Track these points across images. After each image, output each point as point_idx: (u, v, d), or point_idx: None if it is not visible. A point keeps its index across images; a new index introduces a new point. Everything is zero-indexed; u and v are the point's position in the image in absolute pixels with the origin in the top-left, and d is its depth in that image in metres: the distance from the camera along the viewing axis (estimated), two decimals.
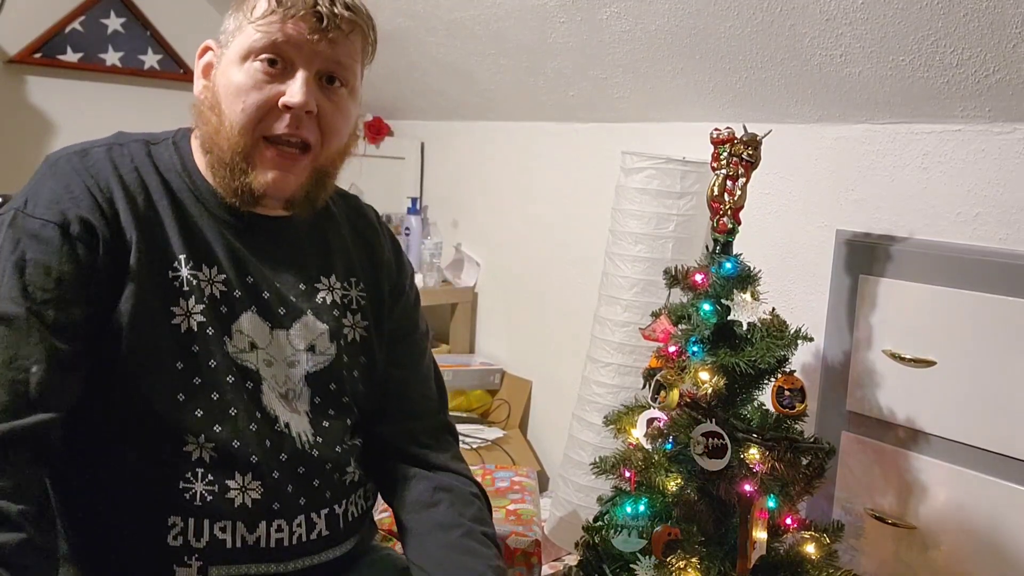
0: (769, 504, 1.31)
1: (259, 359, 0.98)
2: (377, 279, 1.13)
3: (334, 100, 0.98)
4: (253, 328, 0.98)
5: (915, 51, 1.38)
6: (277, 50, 0.93)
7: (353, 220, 1.15)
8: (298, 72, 0.94)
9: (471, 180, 2.77)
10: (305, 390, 1.02)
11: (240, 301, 0.98)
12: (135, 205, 0.94)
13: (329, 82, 0.97)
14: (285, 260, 1.04)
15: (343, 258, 1.10)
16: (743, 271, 1.35)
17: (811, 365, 1.63)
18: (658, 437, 1.36)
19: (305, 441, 1.00)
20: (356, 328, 1.08)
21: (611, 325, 1.80)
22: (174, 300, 0.94)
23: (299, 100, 0.93)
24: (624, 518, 1.36)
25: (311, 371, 1.02)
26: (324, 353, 1.04)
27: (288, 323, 1.01)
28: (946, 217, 1.48)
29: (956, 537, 1.38)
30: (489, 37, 2.18)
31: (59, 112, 2.79)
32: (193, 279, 0.95)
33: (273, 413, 0.98)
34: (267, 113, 0.94)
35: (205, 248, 0.97)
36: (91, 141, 0.99)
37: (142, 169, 0.97)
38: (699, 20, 1.64)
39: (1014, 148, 1.39)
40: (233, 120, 0.94)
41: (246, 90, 0.94)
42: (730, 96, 1.79)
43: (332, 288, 1.07)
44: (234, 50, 0.96)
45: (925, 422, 1.42)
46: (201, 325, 0.94)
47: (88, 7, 2.76)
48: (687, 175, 1.74)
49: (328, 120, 0.97)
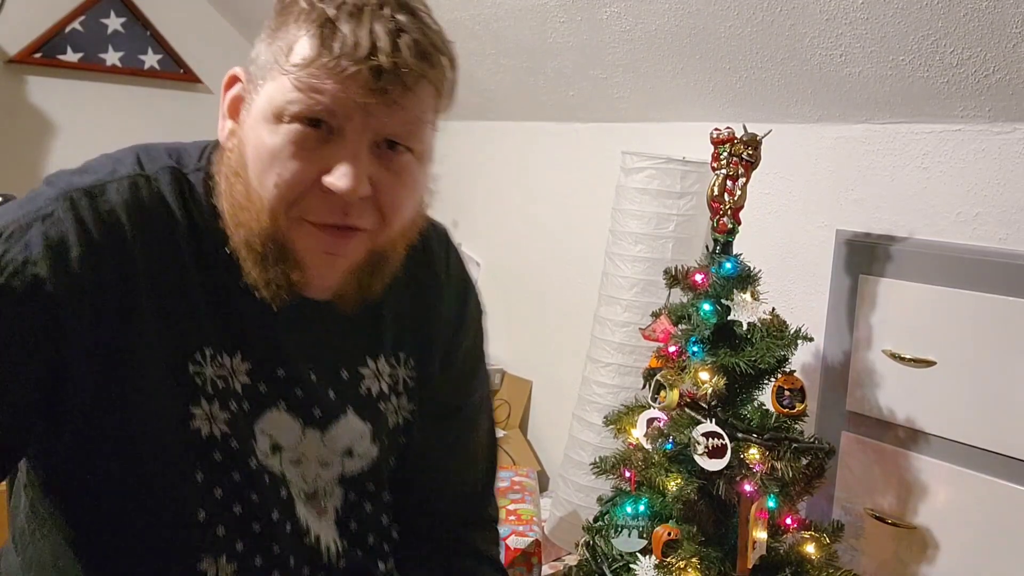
0: (769, 504, 1.31)
1: (283, 460, 0.82)
2: (429, 350, 0.93)
3: (395, 170, 0.74)
4: (278, 427, 0.81)
5: (915, 51, 1.38)
6: (320, 112, 0.70)
7: (417, 273, 0.92)
8: (347, 143, 0.71)
9: (471, 180, 2.77)
10: (338, 490, 0.87)
11: (265, 396, 0.80)
12: (157, 270, 0.74)
13: (390, 147, 0.74)
14: (325, 343, 0.85)
15: (394, 327, 0.90)
16: (743, 271, 1.35)
17: (811, 365, 1.63)
18: (658, 437, 1.36)
19: (333, 554, 0.85)
20: (400, 413, 0.91)
21: (611, 325, 1.80)
22: (193, 399, 0.76)
23: (347, 185, 0.70)
24: (624, 518, 1.36)
25: (347, 475, 0.87)
26: (363, 456, 0.88)
27: (324, 424, 0.84)
28: (946, 217, 1.47)
29: (956, 537, 1.38)
30: (489, 37, 2.18)
31: (59, 112, 2.79)
32: (218, 377, 0.77)
33: (305, 524, 0.83)
34: (305, 193, 0.72)
35: (235, 334, 0.78)
36: (106, 164, 0.77)
37: (175, 216, 0.76)
38: (699, 20, 1.64)
39: (1014, 148, 1.38)
40: (263, 196, 0.72)
41: (280, 160, 0.71)
42: (730, 96, 1.79)
43: (379, 375, 0.88)
44: (265, 100, 0.72)
45: (925, 422, 1.41)
46: (225, 435, 0.77)
47: (88, 7, 2.76)
48: (687, 175, 1.74)
49: (388, 197, 0.74)
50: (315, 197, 0.72)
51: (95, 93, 2.84)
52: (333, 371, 0.85)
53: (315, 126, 0.71)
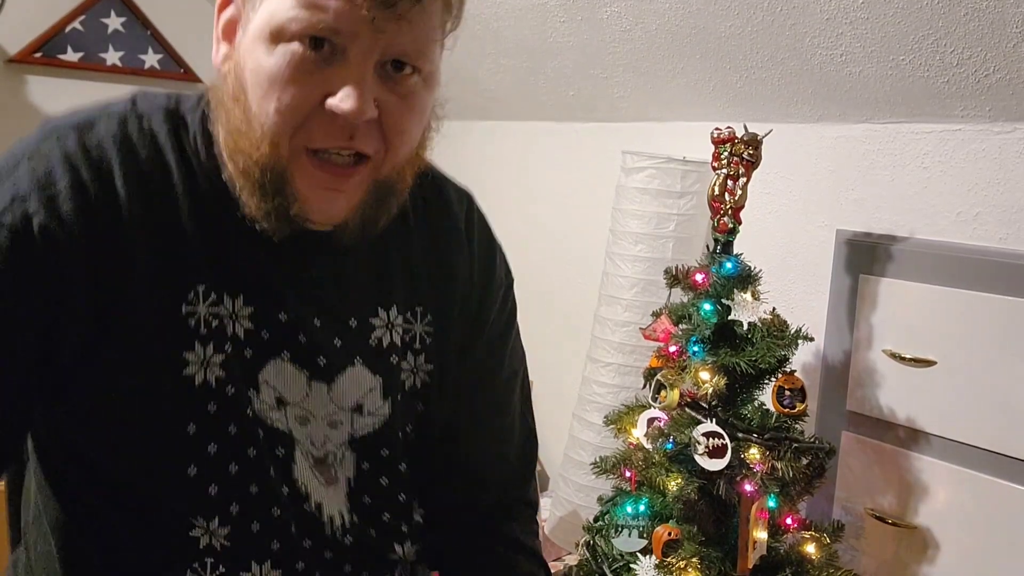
0: (769, 504, 1.31)
1: (289, 417, 0.77)
2: (449, 310, 0.88)
3: (402, 93, 0.71)
4: (282, 379, 0.77)
5: (915, 51, 1.38)
6: (323, 30, 0.66)
7: (431, 217, 0.88)
8: (352, 63, 0.67)
9: (471, 180, 2.75)
10: (349, 455, 0.82)
11: (269, 344, 0.76)
12: (147, 208, 0.70)
13: (396, 68, 0.70)
14: (331, 287, 0.80)
15: (408, 280, 0.85)
16: (743, 271, 1.35)
17: (811, 365, 1.63)
18: (658, 437, 1.36)
19: (338, 527, 0.81)
20: (417, 373, 0.86)
21: (611, 325, 1.80)
22: (187, 344, 0.72)
23: (351, 106, 0.66)
24: (624, 518, 1.36)
25: (357, 435, 0.82)
26: (375, 414, 0.82)
27: (331, 375, 0.79)
28: (946, 217, 1.47)
29: (956, 537, 1.38)
30: (489, 36, 2.18)
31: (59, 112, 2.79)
32: (214, 318, 0.73)
33: (304, 490, 0.79)
34: (308, 117, 0.68)
35: (233, 272, 0.74)
36: (102, 106, 0.75)
37: (166, 154, 0.73)
38: (699, 19, 1.64)
39: (1014, 148, 1.38)
40: (263, 122, 0.69)
41: (281, 83, 0.67)
42: (730, 95, 1.79)
43: (391, 325, 0.83)
44: (263, 19, 0.68)
45: (925, 422, 1.41)
46: (221, 380, 0.73)
47: (88, 6, 2.76)
48: (687, 175, 1.74)
49: (394, 121, 0.71)
50: (318, 122, 0.69)
51: (95, 93, 2.82)
52: (340, 318, 0.81)
53: (317, 47, 0.67)
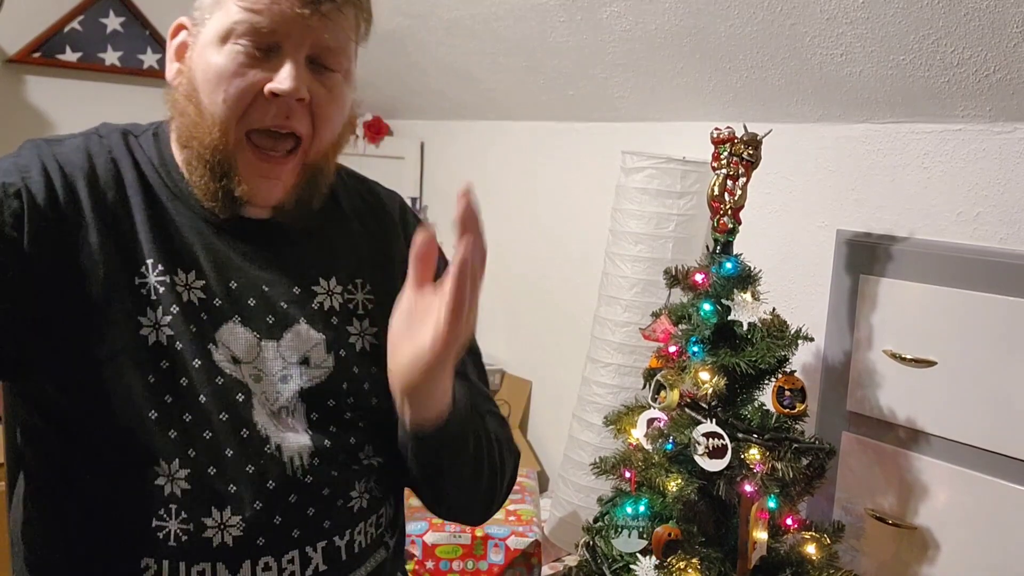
0: (769, 504, 1.31)
1: (245, 374, 0.87)
2: (390, 279, 0.97)
3: (327, 86, 0.87)
4: (235, 340, 0.87)
5: (916, 50, 1.38)
6: (262, 31, 0.82)
7: (366, 211, 1.03)
8: (286, 55, 0.83)
9: (471, 179, 2.76)
10: (300, 406, 0.90)
11: (221, 310, 0.87)
12: (102, 201, 0.85)
13: (322, 66, 0.87)
14: (276, 261, 0.92)
15: (348, 257, 0.98)
16: (743, 271, 1.35)
17: (811, 365, 1.63)
18: (658, 437, 1.36)
19: (298, 466, 0.88)
20: (364, 336, 0.96)
21: (611, 325, 1.80)
22: (140, 309, 0.84)
23: (289, 86, 0.82)
24: (624, 518, 1.36)
25: (305, 386, 0.90)
26: (320, 366, 0.92)
27: (278, 333, 0.90)
28: (947, 217, 1.47)
29: (957, 537, 1.38)
30: (489, 36, 2.18)
31: (58, 112, 2.79)
32: (162, 287, 0.85)
33: (264, 433, 0.87)
34: (252, 103, 0.84)
35: (181, 251, 0.87)
36: (73, 133, 0.92)
37: (120, 162, 0.88)
38: (699, 19, 1.63)
39: (1015, 148, 1.38)
40: (214, 112, 0.84)
41: (227, 76, 0.83)
42: (730, 95, 1.78)
43: (332, 292, 0.95)
44: (212, 29, 0.84)
45: (925, 422, 1.41)
46: (171, 339, 0.84)
47: (87, 6, 2.76)
48: (687, 175, 1.74)
49: (321, 108, 0.87)
50: (260, 105, 0.84)
51: (94, 92, 2.84)
52: (284, 288, 0.92)
53: (258, 45, 0.83)
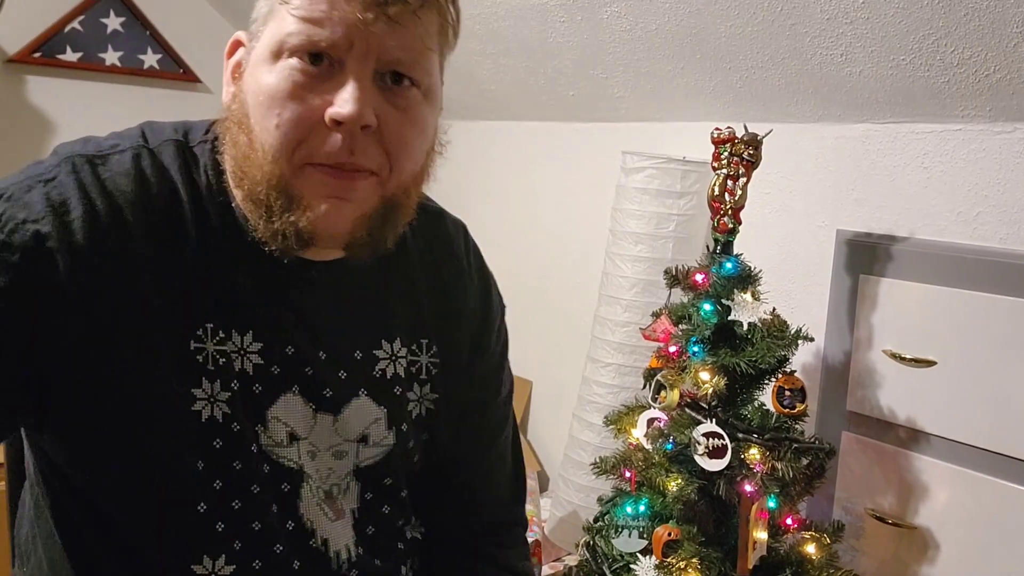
0: (769, 504, 1.31)
1: (301, 452, 0.78)
2: (455, 339, 0.90)
3: (401, 107, 0.72)
4: (293, 414, 0.78)
5: (916, 50, 1.38)
6: (320, 43, 0.68)
7: (431, 253, 0.90)
8: (349, 73, 0.69)
9: (471, 180, 2.77)
10: (354, 485, 0.83)
11: (278, 379, 0.77)
12: (158, 244, 0.71)
13: (395, 81, 0.71)
14: (337, 320, 0.81)
15: (411, 312, 0.86)
16: (743, 271, 1.35)
17: (811, 365, 1.63)
18: (658, 437, 1.36)
19: (343, 560, 0.81)
20: (423, 402, 0.87)
21: (611, 325, 1.80)
22: (195, 380, 0.72)
23: (351, 110, 0.67)
24: (624, 518, 1.36)
25: (362, 465, 0.83)
26: (380, 444, 0.83)
27: (336, 408, 0.80)
28: (946, 217, 1.47)
29: (957, 537, 1.38)
30: (489, 36, 2.18)
31: (59, 112, 2.79)
32: (221, 355, 0.73)
33: (310, 525, 0.79)
34: (310, 131, 0.69)
35: (240, 309, 0.75)
36: (111, 137, 0.77)
37: (178, 187, 0.74)
38: (699, 20, 1.64)
39: (1014, 148, 1.38)
40: (265, 141, 0.69)
41: (280, 99, 0.69)
42: (730, 96, 1.78)
43: (396, 357, 0.85)
44: (264, 44, 0.71)
45: (925, 422, 1.41)
46: (227, 416, 0.73)
47: (87, 6, 2.76)
48: (687, 175, 1.74)
49: (395, 135, 0.71)
50: (319, 135, 0.69)
51: (95, 93, 2.84)
52: (345, 351, 0.81)
53: (316, 62, 0.69)
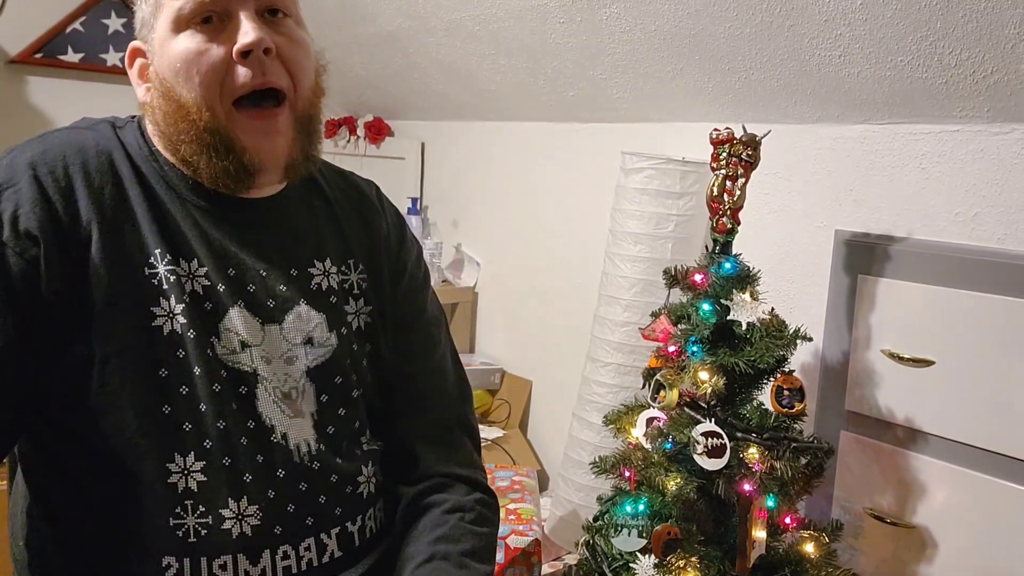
0: (768, 503, 1.31)
1: (254, 358, 0.88)
2: (377, 261, 1.02)
3: (284, 33, 0.88)
4: (243, 325, 0.88)
5: (914, 52, 1.38)
6: (207, 5, 0.83)
7: (347, 198, 1.04)
8: (238, 15, 0.84)
9: (471, 180, 2.77)
10: (309, 387, 0.91)
11: (225, 296, 0.88)
12: (101, 196, 0.84)
13: (271, 14, 0.87)
14: (270, 246, 0.93)
15: (337, 240, 1.00)
16: (742, 271, 1.36)
17: (810, 365, 1.63)
18: (658, 437, 1.36)
19: (304, 453, 0.89)
20: (360, 315, 0.98)
21: (611, 325, 1.80)
22: (153, 300, 0.84)
23: (252, 38, 0.83)
24: (624, 517, 1.37)
25: (312, 365, 0.92)
26: (324, 344, 0.93)
27: (279, 316, 0.91)
28: (945, 217, 1.48)
29: (955, 537, 1.39)
30: (489, 37, 2.18)
31: (60, 112, 2.79)
32: (172, 275, 0.85)
33: (269, 422, 0.88)
34: (226, 72, 0.84)
35: (182, 240, 0.87)
36: (54, 128, 0.91)
37: (113, 153, 0.88)
38: (699, 21, 1.64)
39: (1012, 148, 1.39)
40: (195, 97, 0.84)
41: (193, 57, 0.83)
42: (729, 96, 1.79)
43: (328, 273, 0.96)
44: (163, 28, 0.85)
45: (924, 422, 1.42)
46: (184, 326, 0.84)
47: (89, 7, 2.77)
48: (687, 175, 1.74)
49: (290, 56, 0.87)
50: (234, 71, 0.84)
51: (96, 93, 2.84)
52: (281, 272, 0.93)
53: (208, 22, 0.84)
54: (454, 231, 2.86)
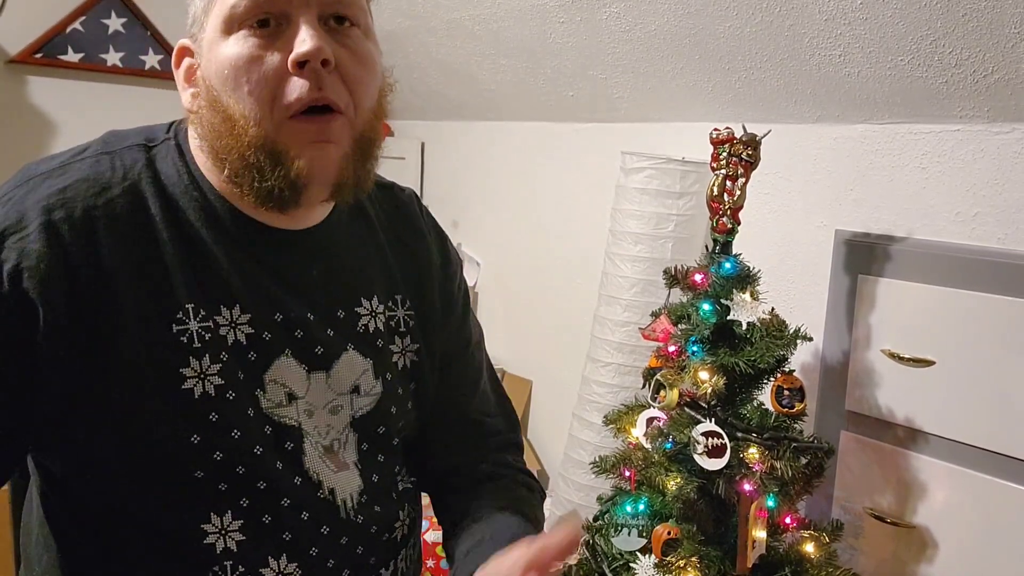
0: (768, 503, 1.31)
1: (299, 411, 0.82)
2: (425, 294, 0.96)
3: (349, 46, 0.78)
4: (289, 375, 0.82)
5: (914, 51, 1.38)
6: (263, 6, 0.74)
7: (391, 221, 0.97)
8: (298, 21, 0.75)
9: (471, 180, 2.77)
10: (352, 436, 0.87)
11: (271, 344, 0.81)
12: (125, 244, 0.75)
13: (338, 23, 0.78)
14: (318, 286, 0.86)
15: (383, 273, 0.93)
16: (742, 271, 1.36)
17: (810, 365, 1.63)
18: (658, 437, 1.36)
19: (351, 508, 0.85)
20: (406, 353, 0.93)
21: (611, 325, 1.80)
22: (182, 360, 0.75)
23: (311, 47, 0.73)
24: (624, 517, 1.37)
25: (357, 416, 0.87)
26: (370, 393, 0.88)
27: (327, 363, 0.85)
28: (945, 217, 1.48)
29: (955, 537, 1.39)
30: (489, 37, 2.18)
31: (60, 112, 2.79)
32: (206, 332, 0.77)
33: (317, 478, 0.83)
34: (279, 84, 0.74)
35: (222, 286, 0.79)
36: (77, 149, 0.81)
37: (141, 189, 0.78)
38: (699, 20, 1.64)
39: (1012, 148, 1.39)
40: (243, 110, 0.74)
41: (245, 64, 0.74)
42: (729, 96, 1.79)
43: (375, 313, 0.90)
44: (213, 28, 0.76)
45: (924, 421, 1.42)
46: (220, 388, 0.77)
47: (89, 7, 2.76)
48: (687, 175, 1.74)
49: (351, 72, 0.77)
50: (288, 85, 0.74)
51: (96, 93, 2.84)
52: (329, 311, 0.87)
53: (264, 25, 0.75)
54: (454, 231, 2.86)
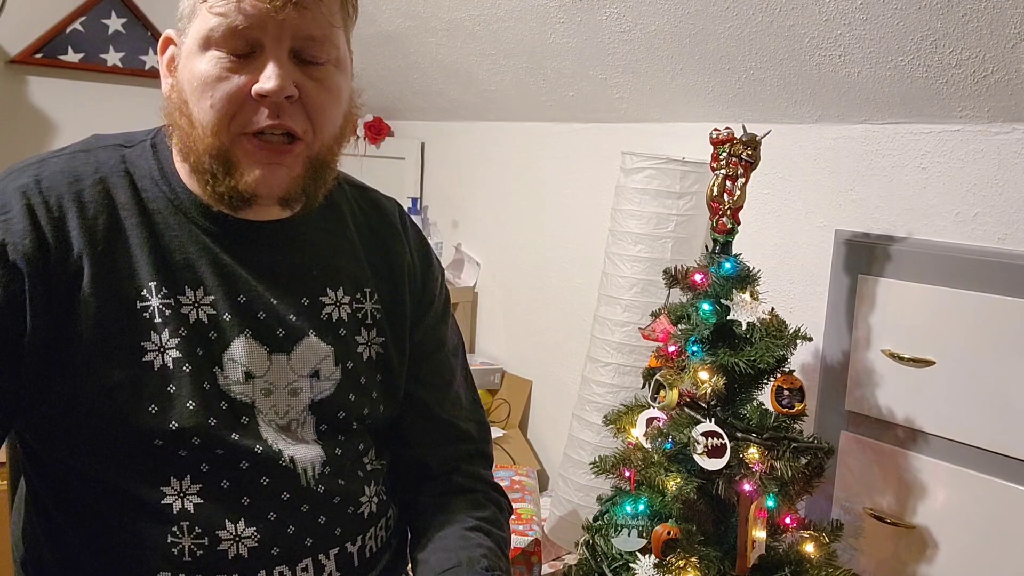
0: (768, 503, 1.31)
1: (255, 389, 0.87)
2: (396, 290, 0.99)
3: (317, 78, 0.83)
4: (248, 355, 0.86)
5: (914, 51, 1.38)
6: (238, 30, 0.78)
7: (367, 219, 1.01)
8: (268, 53, 0.79)
9: (471, 180, 2.77)
10: (310, 418, 0.90)
11: (231, 325, 0.86)
12: (94, 227, 0.81)
13: (307, 60, 0.83)
14: (284, 272, 0.90)
15: (352, 267, 0.97)
16: (742, 271, 1.36)
17: (810, 365, 1.63)
18: (658, 437, 1.36)
19: (311, 477, 0.88)
20: (372, 345, 0.96)
21: (611, 325, 1.80)
22: (144, 335, 0.81)
23: (273, 85, 0.78)
24: (624, 517, 1.37)
25: (316, 399, 0.91)
26: (329, 379, 0.92)
27: (288, 346, 0.89)
28: (945, 217, 1.48)
29: (955, 537, 1.39)
30: (489, 37, 2.18)
31: (60, 112, 2.80)
32: (167, 308, 0.82)
33: (276, 447, 0.87)
34: (240, 106, 0.80)
35: (186, 268, 0.84)
36: (60, 149, 0.87)
37: (111, 180, 0.84)
38: (699, 20, 1.64)
39: (1012, 148, 1.39)
40: (203, 120, 0.80)
41: (212, 82, 0.79)
42: (729, 96, 1.79)
43: (339, 303, 0.94)
44: (192, 38, 0.82)
45: (924, 422, 1.42)
46: (177, 361, 0.82)
47: (89, 7, 2.77)
48: (687, 175, 1.74)
49: (314, 102, 0.82)
50: (249, 107, 0.80)
51: (96, 93, 2.85)
52: (293, 300, 0.90)
53: (237, 50, 0.80)
54: (454, 231, 2.86)
